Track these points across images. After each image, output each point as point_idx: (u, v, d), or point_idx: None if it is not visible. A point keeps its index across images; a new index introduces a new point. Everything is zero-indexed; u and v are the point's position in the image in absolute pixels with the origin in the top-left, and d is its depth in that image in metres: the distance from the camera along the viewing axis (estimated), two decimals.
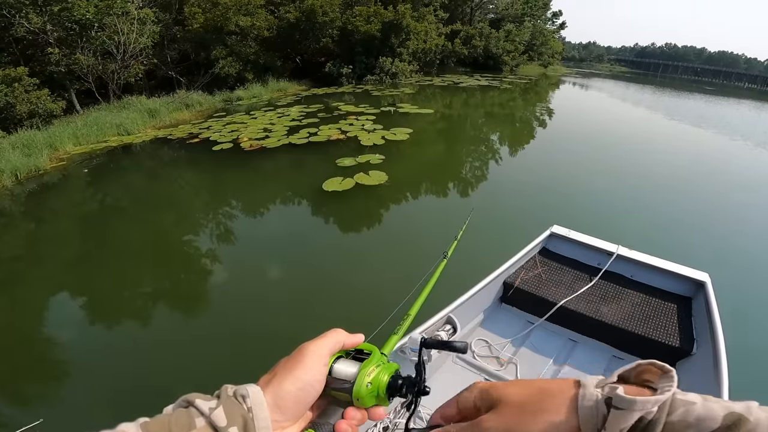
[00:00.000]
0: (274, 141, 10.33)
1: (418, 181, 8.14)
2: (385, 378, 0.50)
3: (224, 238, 6.03)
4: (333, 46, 21.85)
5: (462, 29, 31.06)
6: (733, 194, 8.17)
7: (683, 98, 29.43)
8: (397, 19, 22.44)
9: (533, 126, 13.98)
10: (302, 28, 21.08)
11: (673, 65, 76.02)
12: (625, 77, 54.21)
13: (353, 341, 0.53)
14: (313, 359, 0.47)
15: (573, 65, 78.52)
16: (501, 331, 2.97)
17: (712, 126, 15.94)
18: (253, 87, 18.92)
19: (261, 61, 20.30)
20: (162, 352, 3.84)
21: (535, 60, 40.61)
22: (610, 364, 2.70)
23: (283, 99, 17.58)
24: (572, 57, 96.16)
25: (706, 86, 50.56)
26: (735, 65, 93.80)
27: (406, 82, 22.81)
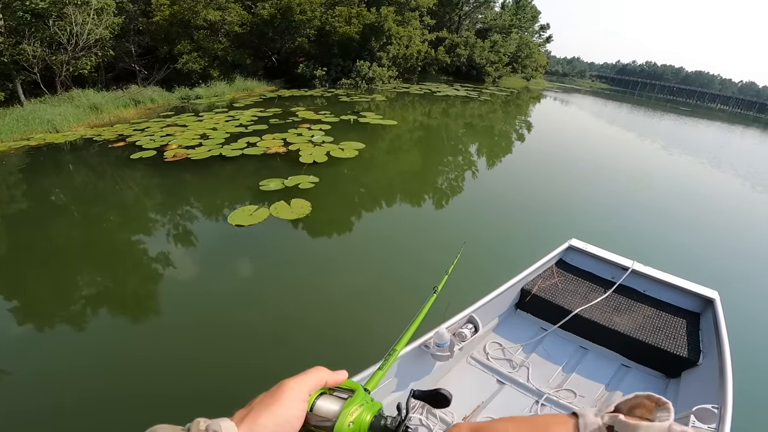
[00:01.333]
0: (204, 151, 8.62)
1: (346, 216, 6.32)
2: (368, 418, 0.48)
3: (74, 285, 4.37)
4: (308, 46, 20.09)
5: (447, 37, 29.53)
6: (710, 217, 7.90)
7: (656, 118, 28.49)
8: (379, 22, 20.78)
9: (510, 146, 12.46)
10: (276, 26, 19.27)
11: (651, 84, 75.87)
12: (604, 94, 53.45)
13: (336, 379, 0.50)
14: (291, 395, 0.45)
15: (556, 79, 77.81)
16: (515, 335, 2.98)
17: (678, 149, 14.79)
18: (216, 85, 17.22)
19: (229, 58, 18.49)
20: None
21: (519, 72, 39.33)
22: (618, 372, 2.70)
23: (244, 100, 15.83)
24: (555, 71, 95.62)
25: (681, 106, 49.94)
26: (710, 86, 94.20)
27: (382, 88, 21.19)
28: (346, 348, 3.49)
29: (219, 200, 6.57)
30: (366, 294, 4.32)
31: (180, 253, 5.03)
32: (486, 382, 2.54)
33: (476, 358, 2.71)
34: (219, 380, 3.09)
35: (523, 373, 2.63)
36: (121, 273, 4.63)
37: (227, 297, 4.13)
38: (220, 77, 17.85)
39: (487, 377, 2.59)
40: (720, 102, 65.58)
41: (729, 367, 2.13)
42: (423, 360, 2.37)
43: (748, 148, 19.49)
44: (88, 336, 3.62)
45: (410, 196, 7.40)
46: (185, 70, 16.94)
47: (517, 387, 2.51)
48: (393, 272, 4.76)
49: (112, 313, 3.94)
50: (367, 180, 7.97)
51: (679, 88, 73.64)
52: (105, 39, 14.05)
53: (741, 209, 8.87)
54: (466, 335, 2.47)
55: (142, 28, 17.21)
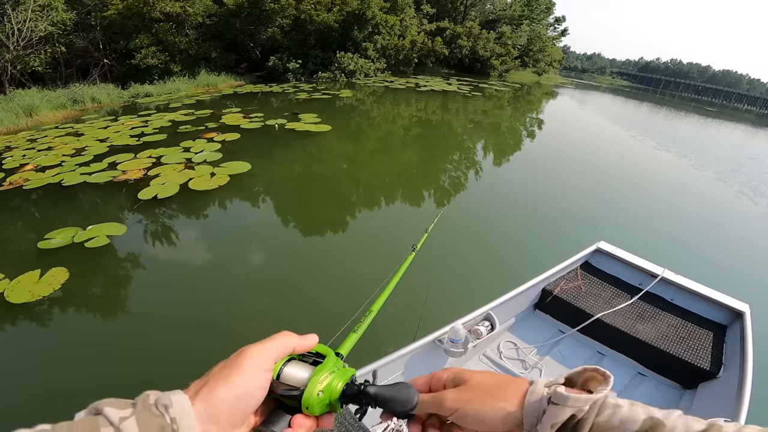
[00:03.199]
0: (47, 177, 6.19)
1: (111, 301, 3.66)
2: (339, 386, 0.44)
3: None
4: (281, 37, 17.42)
5: (449, 27, 26.34)
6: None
7: (678, 120, 24.82)
8: (361, 10, 17.92)
9: (470, 185, 7.67)
10: (243, 16, 16.71)
11: (675, 82, 70.62)
12: (624, 92, 49.32)
13: (305, 344, 0.45)
14: (253, 363, 0.39)
15: (574, 75, 73.23)
16: (531, 336, 2.84)
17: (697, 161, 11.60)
18: (175, 81, 15.07)
19: (191, 52, 16.12)
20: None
21: (530, 66, 35.68)
22: (633, 380, 2.59)
23: (194, 98, 13.42)
24: (574, 67, 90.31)
25: (706, 107, 46.18)
26: (737, 85, 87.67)
27: (363, 82, 18.35)
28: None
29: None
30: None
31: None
32: None
33: (489, 356, 2.61)
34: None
35: (535, 375, 2.53)
36: None
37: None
38: (182, 72, 15.80)
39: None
40: (747, 102, 60.98)
41: (749, 381, 2.02)
42: (435, 354, 2.29)
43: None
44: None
45: (288, 300, 3.72)
46: (142, 65, 15.12)
47: None
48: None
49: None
50: (219, 231, 5.17)
51: (705, 87, 68.46)
52: (53, 35, 13.17)
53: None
54: (481, 333, 2.40)
55: (93, 23, 15.38)
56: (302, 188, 6.66)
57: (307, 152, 8.23)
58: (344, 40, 18.65)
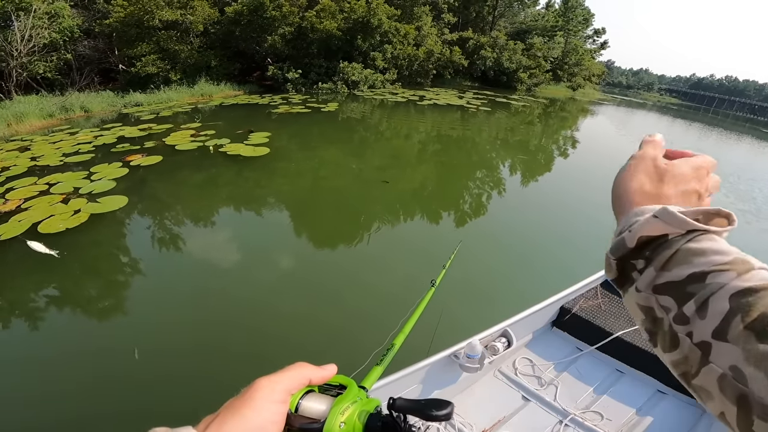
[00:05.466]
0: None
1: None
2: (363, 417, 0.39)
3: None
4: (282, 46, 16.12)
5: (472, 37, 24.23)
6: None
7: (732, 143, 21.34)
8: (365, 17, 16.30)
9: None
10: (243, 24, 15.62)
11: (729, 100, 64.27)
12: (672, 110, 44.76)
13: (322, 375, 0.41)
14: (265, 396, 0.35)
15: (618, 92, 68.33)
16: (548, 353, 2.73)
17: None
18: (166, 90, 14.27)
19: (190, 61, 15.23)
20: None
21: (564, 80, 32.68)
22: (652, 398, 2.45)
23: (181, 108, 12.43)
24: (618, 83, 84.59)
25: (762, 128, 41.19)
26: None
27: (366, 94, 16.66)
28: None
29: None
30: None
31: None
32: (510, 397, 2.38)
33: (504, 372, 2.55)
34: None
35: (551, 392, 2.43)
36: None
37: None
38: (182, 81, 15.07)
39: (512, 392, 2.43)
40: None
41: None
42: (450, 369, 2.27)
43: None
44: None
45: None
46: (142, 73, 14.62)
47: (542, 405, 2.30)
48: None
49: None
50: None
51: (762, 106, 61.67)
52: (57, 42, 13.05)
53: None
54: (498, 349, 2.39)
55: (96, 30, 15.17)
56: (179, 232, 4.98)
57: (216, 183, 6.64)
58: (350, 49, 17.09)
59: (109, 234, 4.83)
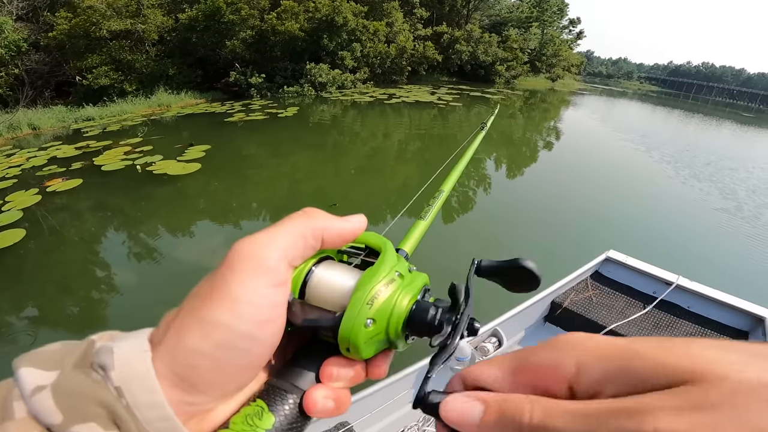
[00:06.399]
0: None
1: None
2: (406, 303, 0.24)
3: None
4: (243, 50, 15.20)
5: (446, 31, 23.49)
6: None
7: (712, 129, 21.00)
8: (330, 16, 15.45)
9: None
10: (199, 30, 14.71)
11: (707, 86, 64.84)
12: (653, 98, 44.78)
13: (342, 229, 0.24)
14: (248, 276, 0.20)
15: (599, 81, 68.55)
16: None
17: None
18: (119, 102, 13.29)
19: (146, 70, 14.30)
20: None
21: (543, 72, 32.15)
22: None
23: (133, 122, 11.45)
24: (599, 72, 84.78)
25: (742, 112, 41.77)
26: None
27: (335, 96, 15.77)
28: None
29: None
30: None
31: None
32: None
33: None
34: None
35: None
36: None
37: None
38: (138, 92, 14.13)
39: None
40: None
41: None
42: (442, 373, 0.61)
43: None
44: None
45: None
46: (94, 85, 13.69)
47: None
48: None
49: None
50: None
51: (740, 91, 62.45)
52: (3, 57, 12.46)
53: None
54: (488, 350, 2.35)
55: (42, 44, 14.15)
56: (70, 275, 4.10)
57: (125, 210, 5.73)
58: (317, 49, 16.21)
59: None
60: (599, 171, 9.20)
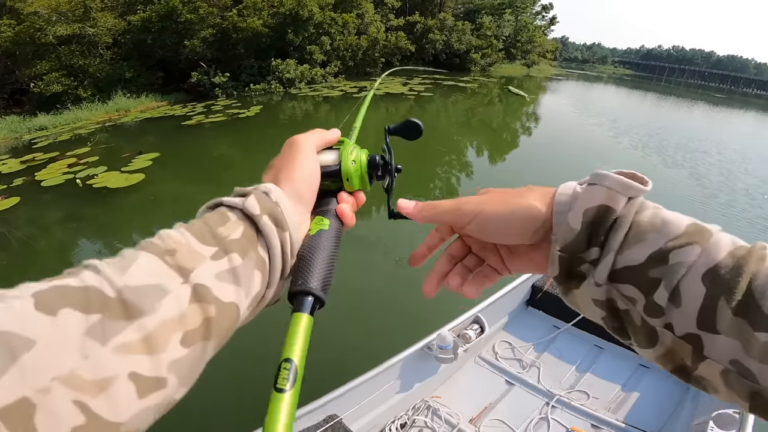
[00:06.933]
0: None
1: None
2: (364, 156, 0.46)
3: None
4: (204, 49, 14.42)
5: (419, 21, 22.95)
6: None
7: (685, 110, 21.14)
8: (294, 10, 14.78)
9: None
10: (155, 31, 13.89)
11: (679, 69, 65.94)
12: (627, 81, 45.23)
13: (332, 137, 0.46)
14: (308, 148, 0.42)
15: (575, 66, 68.88)
16: (525, 334, 2.72)
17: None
18: (73, 109, 12.42)
19: (101, 75, 13.46)
20: None
21: (519, 58, 31.94)
22: (636, 372, 2.39)
23: (89, 128, 10.65)
24: (574, 58, 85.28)
25: (714, 93, 42.54)
26: (744, 70, 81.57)
27: (304, 92, 15.14)
28: None
29: None
30: None
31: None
32: (494, 383, 2.34)
33: (485, 357, 2.51)
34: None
35: (534, 374, 2.40)
36: None
37: None
38: (94, 97, 13.30)
39: (495, 378, 2.39)
40: (757, 87, 56.87)
41: None
42: (427, 362, 2.25)
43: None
44: None
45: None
46: (46, 93, 12.83)
47: (526, 388, 2.28)
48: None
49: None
50: None
51: (711, 72, 63.84)
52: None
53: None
54: (470, 336, 2.33)
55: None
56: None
57: (51, 230, 5.24)
58: (284, 45, 15.51)
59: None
60: (576, 155, 9.16)
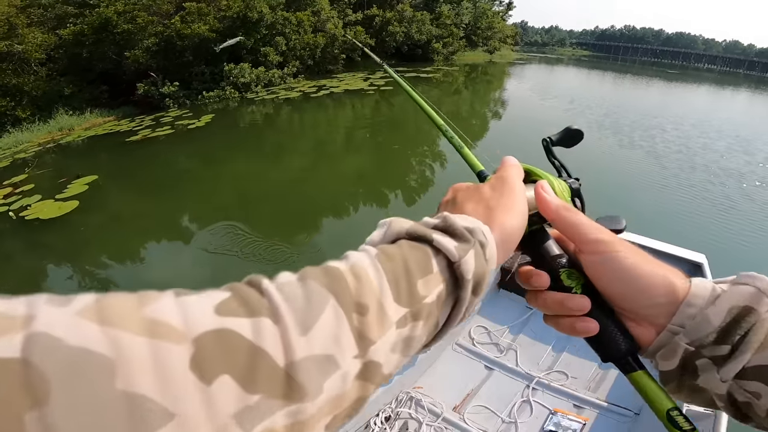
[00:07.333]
0: None
1: None
2: (565, 186, 0.43)
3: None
4: (148, 59, 13.49)
5: (377, 14, 22.43)
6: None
7: (642, 88, 21.65)
8: (241, 13, 14.06)
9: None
10: (89, 44, 12.96)
11: (633, 47, 68.11)
12: (585, 62, 46.31)
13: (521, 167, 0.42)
14: (522, 192, 0.36)
15: (536, 50, 69.96)
16: (499, 317, 2.72)
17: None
18: (24, 129, 11.54)
19: (37, 93, 12.47)
20: None
21: (480, 45, 31.94)
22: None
23: (29, 151, 9.90)
24: (535, 42, 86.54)
25: (668, 69, 44.11)
26: (693, 46, 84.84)
27: (260, 96, 14.45)
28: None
29: None
30: None
31: None
32: (473, 369, 2.31)
33: (462, 344, 2.48)
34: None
35: (512, 357, 2.39)
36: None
37: None
38: (34, 117, 12.27)
39: (474, 364, 2.37)
40: (707, 62, 59.27)
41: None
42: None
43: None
44: None
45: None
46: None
47: (505, 372, 2.28)
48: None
49: None
50: None
51: (663, 50, 66.35)
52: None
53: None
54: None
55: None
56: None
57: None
58: (235, 48, 14.71)
59: None
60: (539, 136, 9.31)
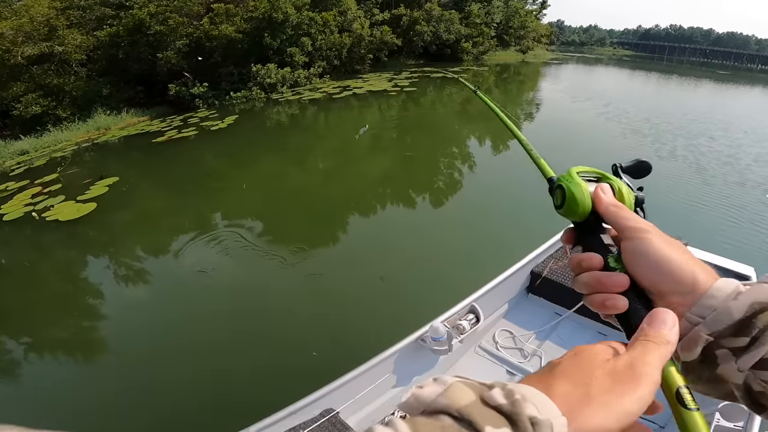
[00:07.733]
0: None
1: None
2: (632, 194, 0.42)
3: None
4: (180, 60, 13.86)
5: (404, 14, 22.14)
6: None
7: (690, 90, 20.23)
8: (267, 13, 14.18)
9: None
10: (124, 46, 13.54)
11: (680, 47, 64.30)
12: (628, 62, 44.08)
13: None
14: (650, 381, 0.26)
15: (574, 50, 67.33)
16: (526, 322, 2.61)
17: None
18: (64, 128, 12.13)
19: (77, 93, 13.26)
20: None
21: (512, 45, 30.94)
22: None
23: (69, 150, 10.33)
24: (572, 41, 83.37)
25: (718, 70, 41.32)
26: (746, 47, 78.88)
27: (285, 96, 14.48)
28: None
29: None
30: None
31: None
32: (495, 374, 2.25)
33: (485, 347, 2.42)
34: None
35: (536, 363, 2.30)
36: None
37: None
38: (74, 116, 12.91)
39: (495, 368, 2.29)
40: (761, 62, 55.26)
41: None
42: (423, 354, 2.17)
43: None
44: None
45: None
46: (26, 115, 12.55)
47: None
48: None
49: None
50: None
51: (713, 50, 62.22)
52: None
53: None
54: (464, 327, 2.25)
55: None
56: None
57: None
58: (262, 49, 14.87)
59: None
60: (575, 141, 9.02)
